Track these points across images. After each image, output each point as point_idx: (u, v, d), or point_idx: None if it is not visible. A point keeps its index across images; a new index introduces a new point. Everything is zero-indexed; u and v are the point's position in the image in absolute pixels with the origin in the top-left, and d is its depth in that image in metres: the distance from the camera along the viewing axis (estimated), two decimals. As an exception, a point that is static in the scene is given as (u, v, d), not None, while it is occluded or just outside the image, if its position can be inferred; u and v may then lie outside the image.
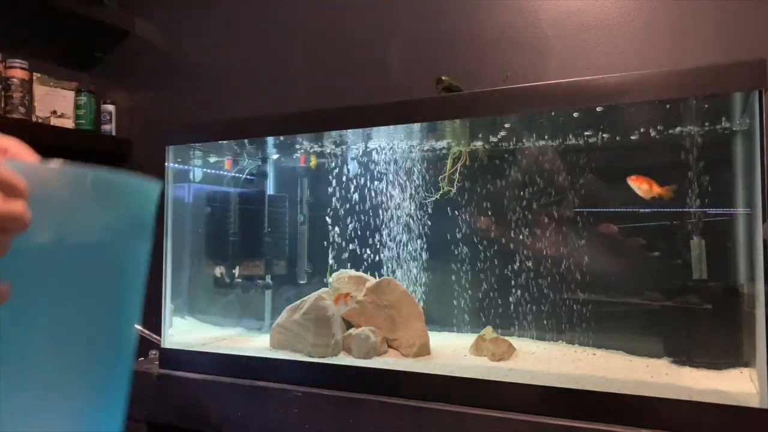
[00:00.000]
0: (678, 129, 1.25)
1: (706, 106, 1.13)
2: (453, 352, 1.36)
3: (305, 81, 1.82)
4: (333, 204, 1.63)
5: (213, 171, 1.68)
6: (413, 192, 1.55)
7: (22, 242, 0.44)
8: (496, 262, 1.47)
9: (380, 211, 1.59)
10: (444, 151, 1.50)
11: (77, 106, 2.00)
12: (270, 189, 1.69)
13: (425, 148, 1.53)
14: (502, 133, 1.37)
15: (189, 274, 1.65)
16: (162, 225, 1.44)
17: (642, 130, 1.28)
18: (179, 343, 1.47)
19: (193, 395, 1.32)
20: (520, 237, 1.44)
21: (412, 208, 1.56)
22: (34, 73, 1.87)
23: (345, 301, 1.38)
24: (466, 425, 1.05)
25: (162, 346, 1.43)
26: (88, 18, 2.02)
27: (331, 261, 1.63)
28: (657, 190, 1.25)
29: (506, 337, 1.32)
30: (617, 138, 1.33)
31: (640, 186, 1.25)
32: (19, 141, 0.55)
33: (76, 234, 0.49)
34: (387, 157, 1.57)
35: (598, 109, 1.11)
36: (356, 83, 1.74)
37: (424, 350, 1.34)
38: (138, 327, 1.82)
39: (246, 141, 1.50)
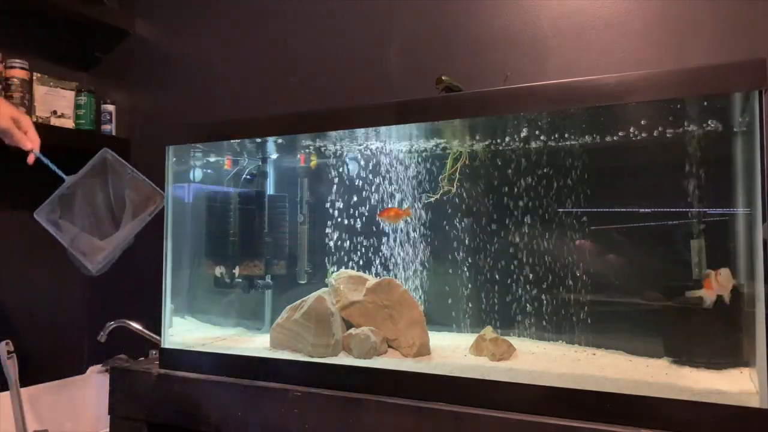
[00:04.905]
0: (678, 129, 1.25)
1: (705, 104, 1.12)
2: (453, 352, 1.36)
3: (305, 81, 1.82)
4: (333, 204, 1.63)
5: (213, 171, 1.68)
6: (414, 191, 1.55)
7: None
8: (496, 263, 1.47)
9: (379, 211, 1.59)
10: (446, 151, 1.50)
11: (77, 106, 2.00)
12: (270, 189, 1.69)
13: (425, 148, 1.53)
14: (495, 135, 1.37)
15: (189, 274, 1.65)
16: (162, 225, 1.44)
17: (641, 130, 1.28)
18: (179, 343, 1.47)
19: (193, 395, 1.33)
20: (521, 237, 1.44)
21: (412, 207, 1.56)
22: (34, 73, 1.87)
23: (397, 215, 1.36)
24: (466, 425, 1.05)
25: (162, 346, 1.43)
26: (88, 18, 2.02)
27: (330, 262, 1.63)
28: (402, 213, 1.42)
29: (506, 337, 1.32)
30: (613, 138, 1.32)
31: (389, 216, 1.42)
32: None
33: None
34: (387, 156, 1.57)
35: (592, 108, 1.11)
36: (356, 83, 1.74)
37: (424, 350, 1.34)
38: (138, 327, 1.81)
39: (246, 141, 1.50)
